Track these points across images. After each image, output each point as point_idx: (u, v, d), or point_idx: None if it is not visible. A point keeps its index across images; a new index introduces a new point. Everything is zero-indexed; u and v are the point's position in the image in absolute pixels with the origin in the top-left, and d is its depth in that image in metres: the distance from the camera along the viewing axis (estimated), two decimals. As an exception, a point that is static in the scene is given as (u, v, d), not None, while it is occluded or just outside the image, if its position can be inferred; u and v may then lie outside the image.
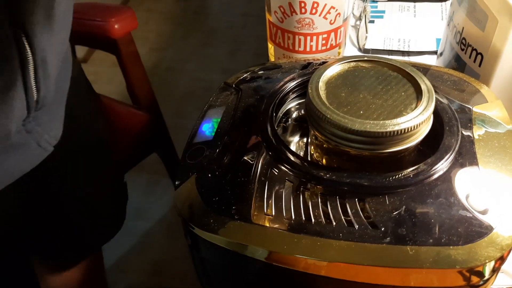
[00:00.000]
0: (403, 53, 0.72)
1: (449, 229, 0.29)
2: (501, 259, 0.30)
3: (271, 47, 0.61)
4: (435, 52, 0.69)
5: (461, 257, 0.28)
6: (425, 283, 0.29)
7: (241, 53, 2.12)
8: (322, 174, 0.31)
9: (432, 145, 0.34)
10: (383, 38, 0.75)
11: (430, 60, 0.65)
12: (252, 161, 0.34)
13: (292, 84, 0.39)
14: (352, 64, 0.35)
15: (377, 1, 0.83)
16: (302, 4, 0.53)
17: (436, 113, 0.35)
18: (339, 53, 0.60)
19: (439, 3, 0.82)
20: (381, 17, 0.80)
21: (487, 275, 0.29)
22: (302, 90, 0.39)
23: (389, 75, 0.34)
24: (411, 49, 0.72)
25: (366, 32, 0.75)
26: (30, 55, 0.44)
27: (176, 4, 2.56)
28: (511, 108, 0.46)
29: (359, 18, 0.78)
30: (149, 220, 1.50)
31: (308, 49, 0.57)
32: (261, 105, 0.37)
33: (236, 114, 0.38)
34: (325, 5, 0.53)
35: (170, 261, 1.40)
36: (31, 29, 0.43)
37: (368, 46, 0.73)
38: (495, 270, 0.30)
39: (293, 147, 0.44)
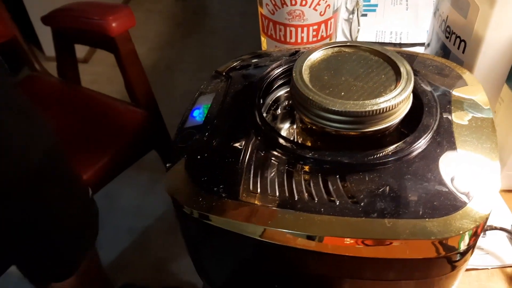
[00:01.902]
0: (395, 45, 0.74)
1: (426, 203, 0.30)
2: (475, 234, 0.31)
3: (263, 40, 0.63)
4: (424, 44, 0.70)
5: (436, 228, 0.29)
6: (404, 254, 0.30)
7: (240, 52, 2.13)
8: (305, 153, 0.33)
9: (413, 126, 0.35)
10: (376, 31, 0.77)
11: (419, 51, 0.66)
12: (239, 143, 0.35)
13: (279, 70, 0.40)
14: (336, 49, 0.37)
15: (370, -5, 0.85)
16: (292, -4, 0.54)
17: (417, 96, 0.36)
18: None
19: (430, -3, 0.84)
20: (374, 10, 0.82)
21: (462, 247, 0.31)
22: (289, 76, 0.41)
23: (371, 59, 0.36)
24: (402, 42, 0.74)
25: (358, 25, 0.76)
26: None
27: (176, 4, 2.58)
28: (494, 91, 0.48)
29: (352, 12, 0.80)
30: (150, 217, 1.51)
31: (299, 40, 0.59)
32: (249, 90, 0.39)
33: (226, 100, 0.39)
34: (315, -4, 0.54)
35: (170, 258, 1.42)
36: None
37: (360, 38, 0.75)
38: (470, 245, 0.31)
39: (283, 134, 0.45)
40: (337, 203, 0.31)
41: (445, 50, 0.49)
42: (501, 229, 0.47)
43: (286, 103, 0.45)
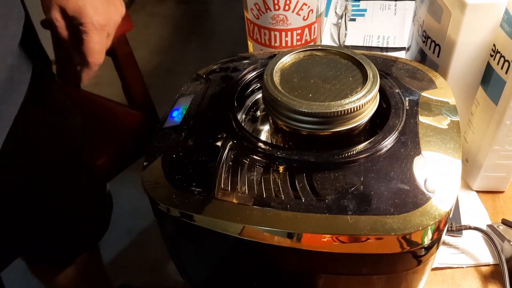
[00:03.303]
0: (382, 49, 0.75)
1: (387, 201, 0.31)
2: (438, 229, 0.32)
3: (250, 44, 0.64)
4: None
5: (397, 225, 0.30)
6: (368, 249, 0.32)
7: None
8: (274, 152, 0.34)
9: (382, 127, 0.36)
10: (364, 35, 0.78)
11: (401, 55, 0.68)
12: (214, 143, 0.36)
13: (255, 73, 0.41)
14: (307, 52, 0.38)
15: (359, 0, 0.86)
16: (276, 1, 0.56)
17: (385, 98, 0.38)
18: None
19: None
20: (363, 15, 0.83)
21: (426, 242, 0.32)
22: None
23: (340, 62, 0.37)
24: (389, 46, 0.75)
25: (346, 30, 0.77)
26: None
27: (177, 8, 2.60)
28: (469, 93, 0.49)
29: (341, 17, 0.81)
30: (147, 218, 1.53)
31: (283, 44, 0.60)
32: (224, 92, 0.40)
33: (203, 102, 0.41)
34: (297, 2, 0.56)
35: (167, 259, 1.43)
36: None
37: (347, 42, 0.76)
38: (433, 240, 0.33)
39: (263, 135, 0.47)
40: (303, 200, 0.32)
41: (422, 54, 0.51)
42: (476, 228, 0.48)
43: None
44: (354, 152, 0.33)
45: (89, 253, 0.88)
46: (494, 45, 0.45)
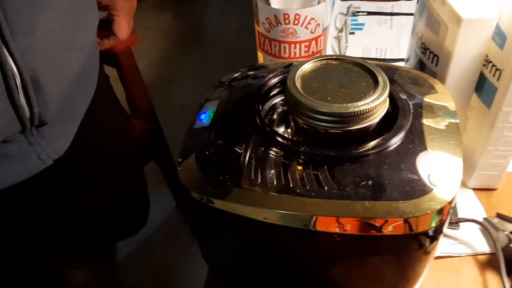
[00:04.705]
0: (380, 60, 0.80)
1: (399, 189, 0.36)
2: (441, 213, 0.37)
3: (260, 55, 0.69)
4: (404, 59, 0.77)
5: (408, 209, 0.35)
6: (384, 231, 0.36)
7: (236, 66, 2.20)
8: (298, 148, 0.39)
9: (390, 127, 0.41)
10: (363, 48, 0.83)
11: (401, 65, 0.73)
12: (242, 141, 0.41)
13: (275, 80, 0.46)
14: (324, 62, 0.43)
15: (357, 15, 0.92)
16: (286, 16, 0.61)
17: (394, 101, 0.43)
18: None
19: (412, 16, 0.91)
20: (361, 29, 0.89)
21: (433, 224, 0.36)
22: (284, 86, 0.47)
23: (353, 70, 0.42)
24: (386, 57, 0.81)
25: (346, 42, 0.83)
26: (17, 74, 0.47)
27: (173, 22, 2.65)
28: (465, 99, 0.54)
29: (341, 30, 0.87)
30: (151, 226, 1.56)
31: (292, 55, 0.65)
32: (249, 96, 0.45)
33: (229, 105, 0.45)
34: (306, 16, 0.61)
35: (171, 265, 1.46)
36: (14, 48, 0.45)
37: (348, 54, 0.81)
38: (439, 223, 0.37)
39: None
40: (326, 189, 0.36)
41: (421, 64, 0.56)
42: (473, 220, 0.53)
43: (281, 110, 0.51)
44: (369, 147, 0.38)
45: (110, 253, 0.91)
46: (486, 55, 0.50)
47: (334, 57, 0.43)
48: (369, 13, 0.92)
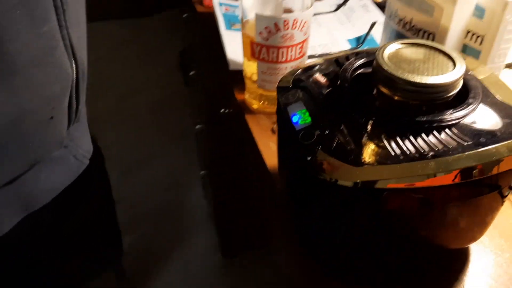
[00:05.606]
0: (328, 54, 0.90)
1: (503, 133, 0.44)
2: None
3: (253, 64, 0.72)
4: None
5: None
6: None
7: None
8: (399, 121, 0.45)
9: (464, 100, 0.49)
10: (310, 47, 0.92)
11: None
12: (349, 126, 0.45)
13: (357, 64, 0.52)
14: (405, 45, 0.49)
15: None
16: (285, 22, 0.66)
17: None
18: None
19: (332, 14, 1.03)
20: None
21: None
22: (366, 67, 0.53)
23: (430, 51, 0.49)
24: (332, 51, 0.90)
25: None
26: (75, 66, 0.47)
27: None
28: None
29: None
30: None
31: (289, 58, 0.70)
32: (335, 86, 0.49)
33: (317, 101, 0.49)
34: (302, 20, 0.67)
35: (173, 266, 1.42)
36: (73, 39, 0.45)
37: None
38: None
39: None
40: (437, 149, 0.43)
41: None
42: None
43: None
44: (463, 111, 0.46)
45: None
46: (468, 30, 0.62)
47: (411, 42, 0.50)
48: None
